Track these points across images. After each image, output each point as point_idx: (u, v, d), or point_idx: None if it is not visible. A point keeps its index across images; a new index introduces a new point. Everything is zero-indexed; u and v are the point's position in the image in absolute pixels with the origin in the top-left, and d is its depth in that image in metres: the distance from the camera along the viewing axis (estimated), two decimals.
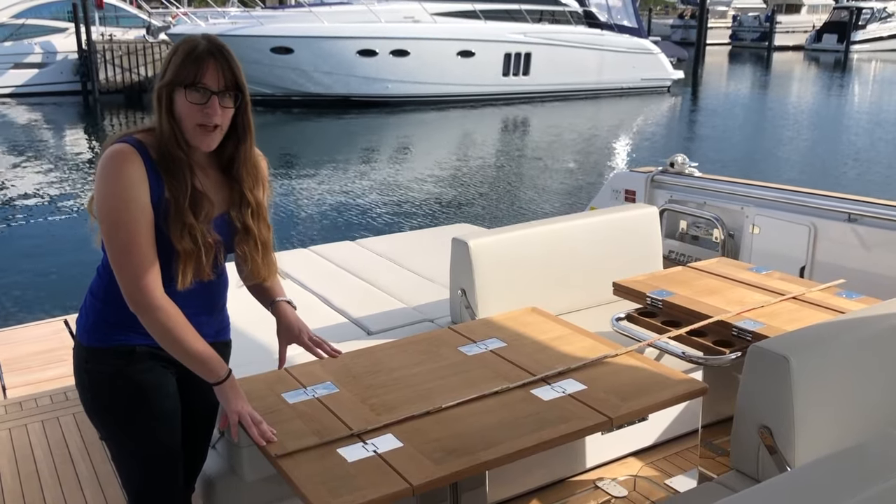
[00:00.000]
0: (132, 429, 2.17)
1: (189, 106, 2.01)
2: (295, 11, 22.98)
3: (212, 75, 2.01)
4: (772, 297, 3.11)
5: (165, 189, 2.03)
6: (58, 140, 18.53)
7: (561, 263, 3.69)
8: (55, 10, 25.38)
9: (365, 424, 2.18)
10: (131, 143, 2.03)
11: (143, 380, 2.15)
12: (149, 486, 2.23)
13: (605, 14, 25.99)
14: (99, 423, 2.22)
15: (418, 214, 11.66)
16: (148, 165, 2.02)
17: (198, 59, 2.00)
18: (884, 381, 2.43)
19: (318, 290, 4.01)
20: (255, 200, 2.19)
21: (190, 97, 2.00)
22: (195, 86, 2.00)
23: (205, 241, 2.07)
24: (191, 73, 2.00)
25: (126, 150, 2.01)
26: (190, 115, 2.02)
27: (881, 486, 1.63)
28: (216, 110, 2.02)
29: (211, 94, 2.01)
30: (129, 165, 1.99)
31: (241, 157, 2.15)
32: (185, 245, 2.04)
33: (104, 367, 2.14)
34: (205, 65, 2.00)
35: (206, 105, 2.01)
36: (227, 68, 2.03)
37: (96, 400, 2.18)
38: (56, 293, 8.26)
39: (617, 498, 3.17)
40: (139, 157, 2.01)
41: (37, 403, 4.05)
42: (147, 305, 2.02)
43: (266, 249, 2.25)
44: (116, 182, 1.98)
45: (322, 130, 19.77)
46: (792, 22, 51.92)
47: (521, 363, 2.56)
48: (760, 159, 16.22)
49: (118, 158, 1.99)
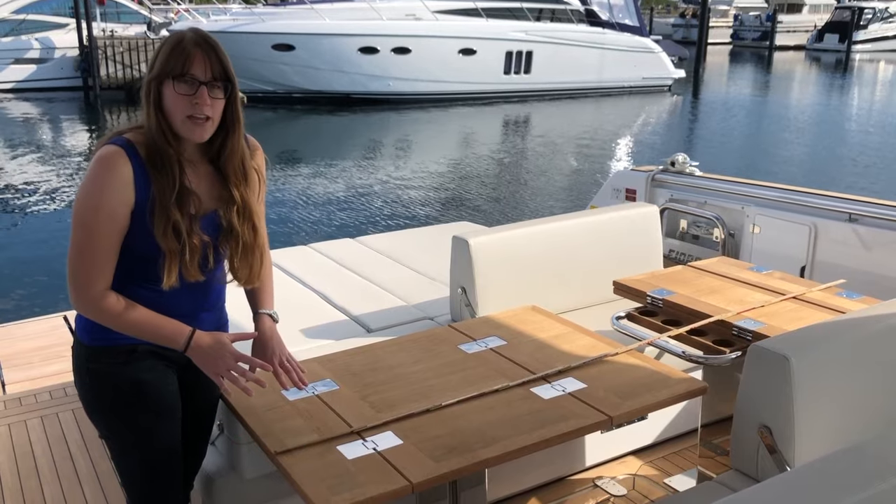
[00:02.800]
0: (134, 427, 2.17)
1: (177, 97, 1.99)
2: (296, 8, 22.93)
3: (199, 65, 1.99)
4: (772, 296, 3.11)
5: (152, 187, 2.01)
6: (58, 136, 18.52)
7: (561, 262, 3.69)
8: (56, 6, 25.37)
9: (365, 422, 2.18)
10: (121, 144, 2.01)
11: (144, 378, 2.14)
12: (149, 484, 2.23)
13: (606, 12, 25.97)
14: (100, 421, 2.22)
15: (419, 212, 11.66)
16: (136, 165, 2.00)
17: (184, 49, 1.99)
18: (884, 381, 2.43)
19: (318, 288, 4.01)
20: (240, 198, 2.14)
21: (178, 88, 1.98)
22: (183, 76, 1.98)
23: (190, 241, 2.04)
24: (178, 64, 1.98)
25: (114, 153, 1.99)
26: (179, 107, 2.00)
27: (881, 486, 1.63)
28: (205, 100, 2.00)
29: (199, 84, 1.99)
30: (112, 172, 1.97)
31: (227, 149, 2.12)
32: (168, 243, 2.02)
33: (106, 366, 2.13)
34: (192, 55, 1.98)
35: (194, 96, 1.99)
36: (215, 58, 2.01)
37: (98, 399, 2.17)
38: (56, 289, 8.25)
39: (616, 497, 3.17)
40: (127, 159, 1.99)
41: (36, 399, 4.05)
42: (85, 307, 2.04)
43: (247, 252, 2.19)
44: (92, 186, 1.98)
45: (323, 128, 19.76)
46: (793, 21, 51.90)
47: (521, 361, 2.56)
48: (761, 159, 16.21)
49: (102, 163, 1.98)
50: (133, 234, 2.04)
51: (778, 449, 2.24)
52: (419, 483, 1.94)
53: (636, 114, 23.02)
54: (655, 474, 3.32)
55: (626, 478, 3.29)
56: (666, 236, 4.78)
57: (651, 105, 24.55)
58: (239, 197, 2.14)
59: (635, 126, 21.03)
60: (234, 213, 2.14)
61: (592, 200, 5.42)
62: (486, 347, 2.67)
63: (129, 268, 2.07)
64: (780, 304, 3.05)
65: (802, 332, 2.43)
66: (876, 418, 2.42)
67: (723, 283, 3.27)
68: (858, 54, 45.41)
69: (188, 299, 2.16)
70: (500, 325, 2.88)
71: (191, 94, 1.99)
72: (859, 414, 2.38)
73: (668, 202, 4.85)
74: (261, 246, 2.24)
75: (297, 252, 4.67)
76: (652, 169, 5.06)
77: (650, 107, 24.25)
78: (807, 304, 3.05)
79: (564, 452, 3.25)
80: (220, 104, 2.05)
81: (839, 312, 2.90)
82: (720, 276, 3.36)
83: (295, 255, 4.57)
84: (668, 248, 4.86)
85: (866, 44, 46.95)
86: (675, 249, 4.92)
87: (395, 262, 4.43)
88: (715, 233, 4.66)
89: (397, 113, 21.65)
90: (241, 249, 2.17)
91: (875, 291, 3.27)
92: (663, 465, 3.38)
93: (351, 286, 4.06)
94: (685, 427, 3.54)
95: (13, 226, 11.15)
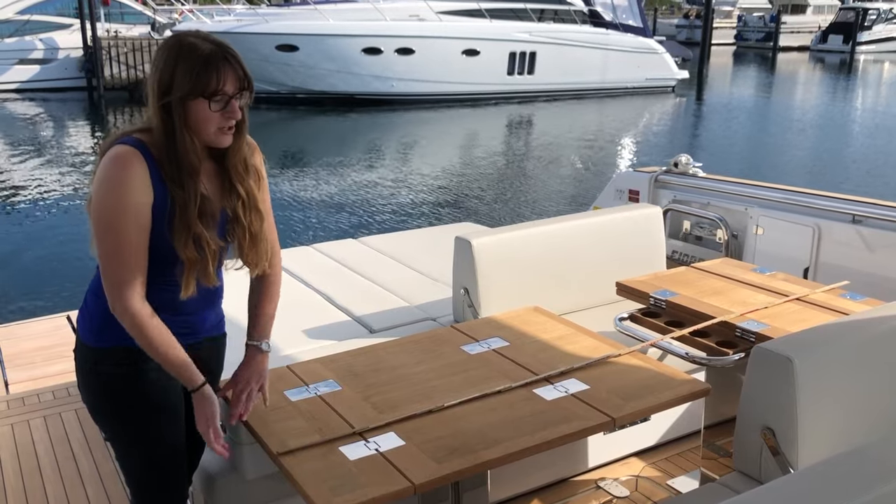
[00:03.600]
0: (138, 429, 2.16)
1: (210, 114, 1.99)
2: (300, 9, 22.96)
3: (231, 81, 1.99)
4: (775, 298, 3.10)
5: (170, 194, 2.00)
6: (62, 136, 18.55)
7: (564, 263, 3.68)
8: (60, 7, 25.42)
9: (367, 423, 2.18)
10: (133, 143, 1.99)
11: (150, 380, 2.14)
12: (154, 485, 2.23)
13: (610, 13, 25.96)
14: (104, 423, 2.21)
15: (421, 213, 11.66)
16: (151, 164, 1.98)
17: (216, 67, 1.96)
18: (888, 383, 2.43)
19: (321, 288, 4.01)
20: (244, 190, 2.15)
21: (214, 107, 1.98)
22: (216, 94, 1.98)
23: (210, 250, 2.05)
24: (212, 83, 1.96)
25: (129, 152, 1.97)
26: (212, 123, 2.00)
27: (884, 488, 1.62)
28: (236, 113, 2.02)
29: (229, 97, 2.00)
30: (130, 170, 1.95)
31: (233, 148, 2.12)
32: (189, 254, 2.02)
33: (111, 368, 2.12)
34: (223, 72, 1.97)
35: (226, 110, 2.00)
36: (240, 69, 2.01)
37: (102, 401, 2.17)
38: (59, 289, 8.27)
39: (619, 498, 3.16)
40: (142, 159, 1.97)
41: (39, 399, 4.05)
42: (123, 311, 2.01)
43: (255, 239, 2.20)
44: (115, 186, 1.95)
45: (326, 128, 19.77)
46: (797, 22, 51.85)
47: (523, 362, 2.56)
48: (764, 160, 16.19)
49: (119, 162, 1.95)
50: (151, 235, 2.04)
51: (781, 451, 2.23)
52: (421, 484, 1.93)
53: (639, 115, 23.00)
54: (658, 476, 3.31)
55: (629, 479, 3.29)
56: (669, 237, 4.77)
57: (654, 106, 24.52)
58: (244, 191, 2.15)
59: (639, 127, 21.02)
60: (240, 206, 2.15)
61: (595, 201, 5.41)
62: (488, 348, 2.67)
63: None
64: (783, 305, 3.04)
65: (806, 334, 2.42)
66: (880, 420, 2.41)
67: (726, 285, 3.27)
68: (863, 55, 45.34)
69: (198, 300, 2.16)
70: (503, 326, 2.88)
71: (224, 110, 2.00)
72: (863, 416, 2.38)
73: (671, 203, 4.85)
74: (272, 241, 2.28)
75: (300, 252, 4.67)
76: (655, 170, 5.05)
77: (654, 108, 24.23)
78: (810, 305, 3.04)
79: (567, 454, 3.24)
80: (243, 109, 2.06)
81: (843, 314, 2.90)
82: (723, 277, 3.36)
83: (298, 255, 4.58)
84: (671, 250, 4.85)
85: (870, 45, 46.87)
86: (678, 250, 4.91)
87: (398, 263, 4.42)
88: (718, 234, 4.65)
89: (400, 113, 21.66)
90: (248, 239, 2.18)
91: (879, 293, 3.27)
92: (666, 467, 3.37)
93: (353, 287, 4.06)
94: (688, 429, 3.54)
95: (17, 226, 11.17)
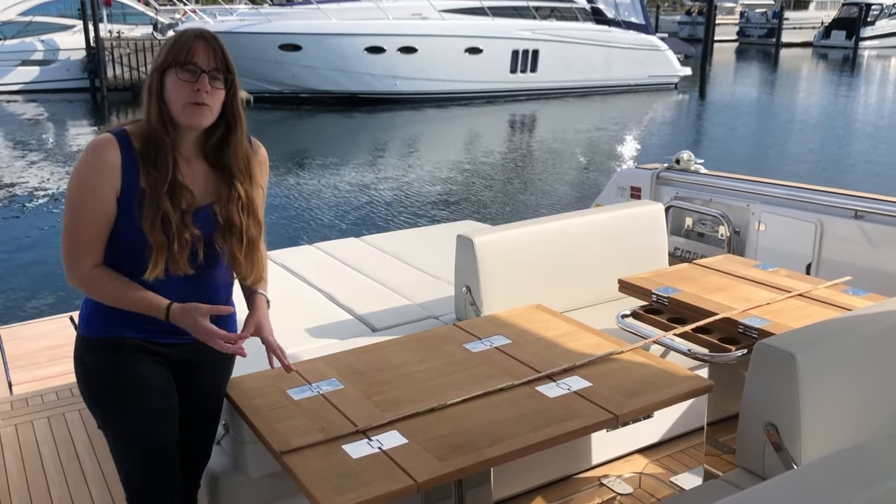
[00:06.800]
0: (125, 419, 2.19)
1: (179, 84, 2.04)
2: (303, 8, 22.96)
3: (202, 54, 2.05)
4: (778, 294, 3.10)
5: (142, 179, 2.05)
6: (65, 137, 18.58)
7: (566, 260, 3.68)
8: (63, 8, 25.43)
9: (370, 421, 2.18)
10: (114, 132, 2.08)
11: (130, 373, 2.16)
12: (139, 478, 2.23)
13: (612, 11, 25.93)
14: (95, 411, 2.26)
15: (424, 211, 11.66)
16: (125, 153, 2.05)
17: (187, 40, 2.06)
18: (891, 379, 2.42)
19: (323, 287, 4.01)
20: (244, 194, 2.17)
21: (181, 75, 2.04)
22: (185, 64, 2.04)
23: (180, 235, 2.06)
24: (181, 53, 2.04)
25: (104, 139, 2.06)
26: (180, 94, 2.05)
27: (888, 484, 1.62)
28: (206, 86, 2.05)
29: (201, 72, 2.04)
30: (98, 155, 2.04)
31: (231, 146, 2.15)
32: (156, 236, 2.04)
33: (95, 357, 2.18)
34: (194, 45, 2.05)
35: (196, 82, 2.04)
36: (217, 49, 2.08)
37: (89, 389, 2.22)
38: (62, 290, 8.27)
39: (622, 495, 3.16)
40: (117, 146, 2.05)
41: (43, 400, 4.06)
42: (75, 279, 2.12)
43: (252, 247, 2.21)
44: (80, 168, 2.06)
45: (329, 127, 19.77)
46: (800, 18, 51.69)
47: (526, 360, 2.56)
48: (767, 156, 16.17)
49: (90, 147, 2.06)
50: (121, 226, 2.07)
51: (784, 447, 2.23)
52: (424, 482, 1.93)
53: (642, 112, 22.98)
54: (661, 472, 3.31)
55: (632, 476, 3.29)
56: (671, 234, 4.77)
57: (657, 103, 24.49)
58: (243, 193, 2.16)
59: (641, 124, 21.00)
60: (237, 208, 2.16)
61: (597, 198, 5.41)
62: (490, 346, 2.67)
63: (118, 260, 2.11)
64: (785, 301, 3.04)
65: (808, 330, 2.42)
66: (883, 416, 2.41)
67: (728, 281, 3.26)
68: (866, 51, 45.25)
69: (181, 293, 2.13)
70: (505, 323, 2.88)
71: (192, 82, 2.04)
72: (866, 412, 2.37)
73: (673, 200, 4.84)
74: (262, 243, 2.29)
75: (303, 251, 4.68)
76: (657, 167, 5.05)
77: (656, 105, 24.21)
78: (813, 301, 3.04)
79: (570, 451, 3.24)
80: (220, 94, 2.09)
81: (845, 310, 2.89)
82: (726, 273, 3.35)
83: (300, 254, 4.58)
84: (674, 246, 4.85)
85: (874, 40, 46.74)
86: (680, 247, 4.91)
87: (400, 262, 4.43)
88: (720, 230, 4.64)
89: (403, 112, 21.65)
90: (245, 245, 2.19)
91: (881, 288, 3.26)
92: (669, 464, 3.37)
93: (356, 285, 4.06)
94: (691, 425, 3.54)
95: (19, 226, 11.18)
